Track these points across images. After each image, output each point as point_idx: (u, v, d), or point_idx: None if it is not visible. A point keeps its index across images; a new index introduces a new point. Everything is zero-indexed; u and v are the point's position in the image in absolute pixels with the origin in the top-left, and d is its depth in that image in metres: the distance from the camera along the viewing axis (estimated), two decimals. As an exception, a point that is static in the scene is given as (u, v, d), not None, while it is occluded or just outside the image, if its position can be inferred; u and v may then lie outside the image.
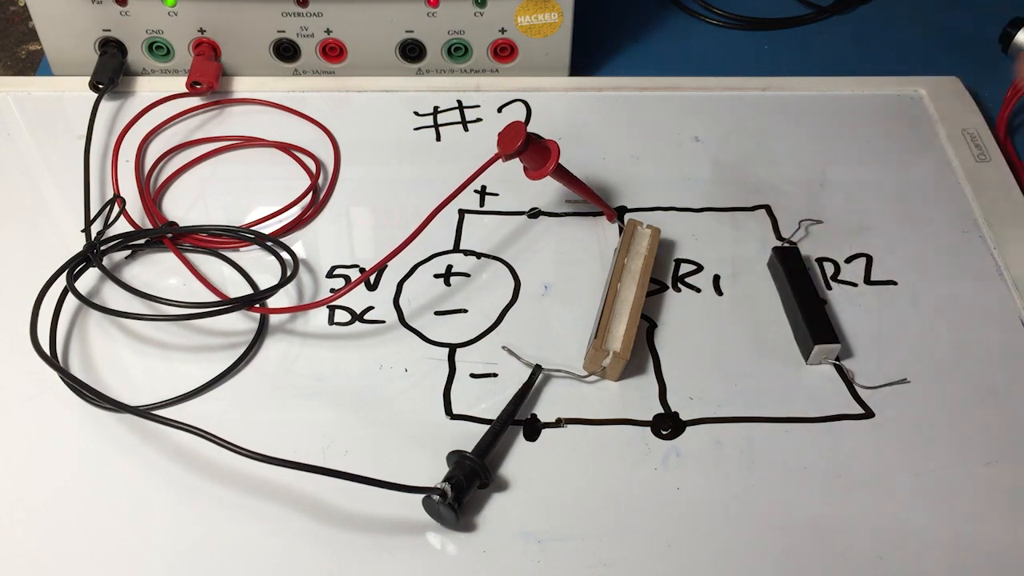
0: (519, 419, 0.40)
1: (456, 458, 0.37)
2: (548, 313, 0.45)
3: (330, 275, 0.46)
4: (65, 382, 0.41)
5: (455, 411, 0.41)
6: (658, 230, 0.46)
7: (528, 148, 0.44)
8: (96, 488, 0.38)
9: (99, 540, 0.37)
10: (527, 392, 0.41)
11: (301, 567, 0.36)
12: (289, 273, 0.44)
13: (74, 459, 0.39)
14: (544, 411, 0.41)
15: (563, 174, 0.46)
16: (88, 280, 0.45)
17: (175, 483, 0.38)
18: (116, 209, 0.48)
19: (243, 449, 0.36)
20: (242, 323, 0.44)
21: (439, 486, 0.36)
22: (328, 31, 0.54)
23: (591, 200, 0.48)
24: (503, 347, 0.43)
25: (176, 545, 0.36)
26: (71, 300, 0.44)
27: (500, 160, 0.44)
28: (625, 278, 0.43)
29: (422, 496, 0.36)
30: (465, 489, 0.36)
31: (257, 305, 0.43)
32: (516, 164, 0.45)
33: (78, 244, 0.45)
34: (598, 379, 0.42)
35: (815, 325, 0.42)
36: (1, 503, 0.38)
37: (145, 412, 0.38)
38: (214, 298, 0.44)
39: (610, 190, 0.50)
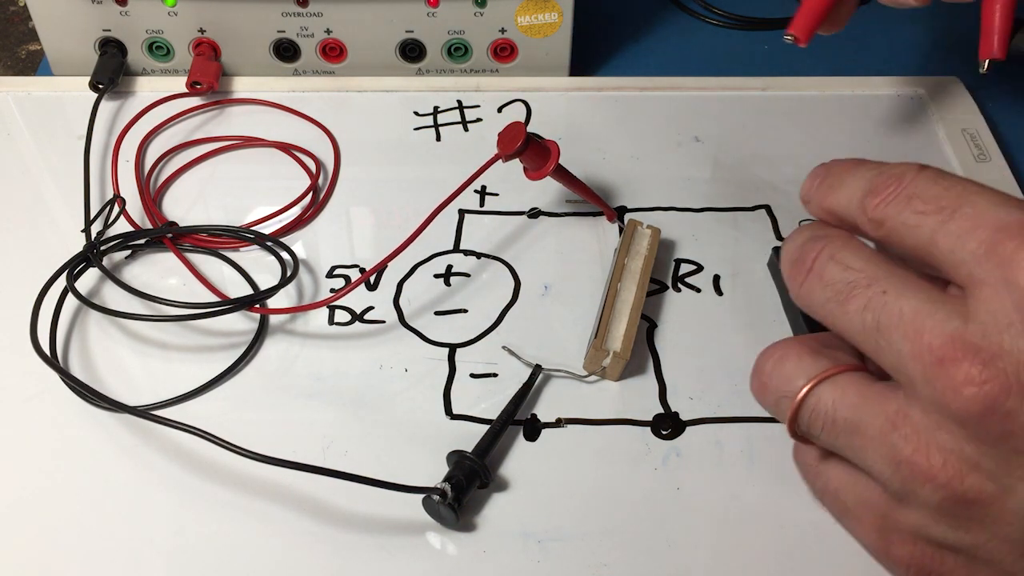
0: (519, 419, 0.40)
1: (456, 458, 0.37)
2: (548, 313, 0.45)
3: (330, 275, 0.46)
4: (65, 382, 0.41)
5: (455, 411, 0.41)
6: (658, 230, 0.46)
7: (528, 148, 0.44)
8: (96, 488, 0.38)
9: (99, 540, 0.37)
10: (527, 392, 0.41)
11: (301, 567, 0.36)
12: (289, 273, 0.44)
13: (74, 459, 0.39)
14: (544, 411, 0.41)
15: (563, 174, 0.46)
16: (88, 280, 0.45)
17: (175, 483, 0.38)
18: (116, 209, 0.48)
19: (243, 449, 0.36)
20: (242, 323, 0.44)
21: (439, 486, 0.36)
22: (328, 31, 0.54)
23: (591, 200, 0.48)
24: (503, 347, 0.43)
25: (176, 545, 0.36)
26: (71, 300, 0.44)
27: (500, 160, 0.44)
28: (625, 278, 0.43)
29: (422, 496, 0.36)
30: (465, 489, 0.36)
31: (257, 305, 0.43)
32: (516, 164, 0.45)
33: (78, 244, 0.45)
34: (598, 379, 0.42)
35: (815, 325, 0.42)
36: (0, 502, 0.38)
37: (145, 412, 0.38)
38: (214, 298, 0.44)
39: (610, 190, 0.50)
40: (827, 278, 0.28)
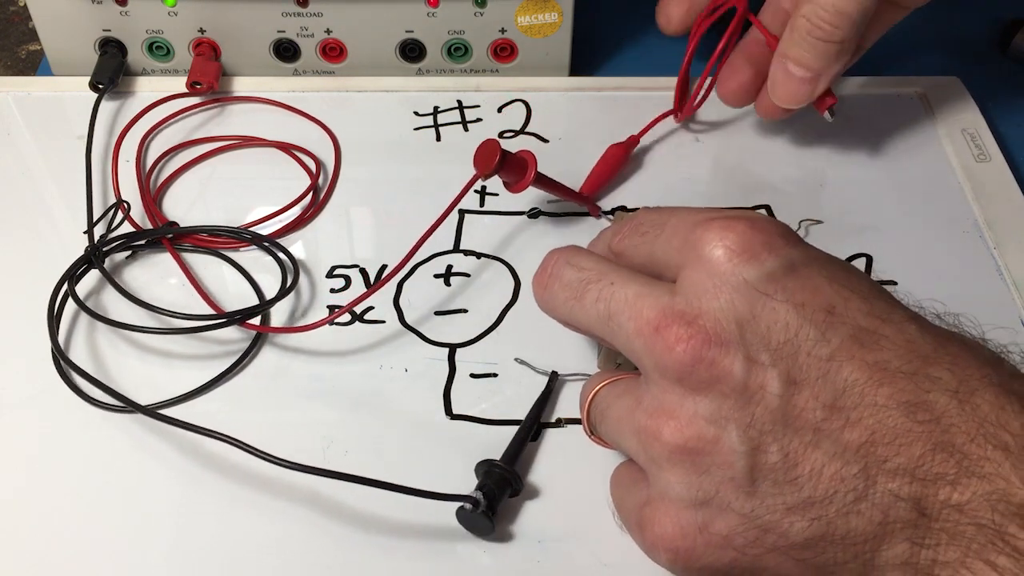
0: (518, 419, 0.40)
1: (485, 467, 0.37)
2: (548, 313, 0.45)
3: (330, 275, 0.46)
4: (68, 384, 0.41)
5: (455, 411, 0.41)
6: None
7: (505, 165, 0.43)
8: (96, 489, 0.38)
9: (100, 541, 0.37)
10: (547, 398, 0.41)
11: (303, 565, 0.36)
12: (290, 281, 0.44)
13: (72, 460, 0.39)
14: (544, 411, 0.41)
15: (544, 182, 0.46)
16: (88, 281, 0.45)
17: (176, 484, 0.38)
18: (120, 215, 0.48)
19: (260, 451, 0.36)
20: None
21: (472, 495, 0.36)
22: (328, 31, 0.54)
23: (575, 200, 0.47)
24: (516, 359, 0.42)
25: (176, 546, 0.37)
26: (70, 302, 0.44)
27: (480, 180, 0.44)
28: None
29: (456, 505, 0.36)
30: (497, 497, 0.36)
31: (256, 321, 0.43)
32: (516, 164, 0.45)
33: (78, 244, 0.45)
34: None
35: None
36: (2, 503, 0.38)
37: (155, 412, 0.38)
38: (215, 300, 0.44)
39: (610, 190, 0.50)
40: (565, 279, 0.34)
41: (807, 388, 0.28)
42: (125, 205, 0.48)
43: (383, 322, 0.44)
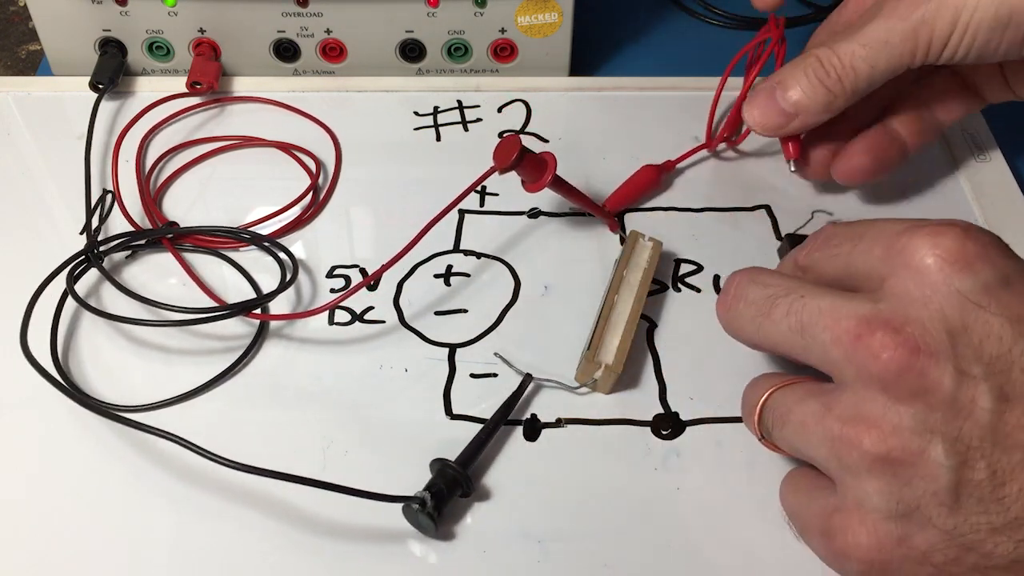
0: (518, 419, 0.40)
1: (439, 466, 0.37)
2: (548, 313, 0.45)
3: (330, 275, 0.46)
4: (55, 386, 0.41)
5: (455, 411, 0.41)
6: (659, 244, 0.45)
7: (523, 162, 0.43)
8: (99, 489, 0.38)
9: (104, 539, 0.37)
10: (516, 401, 0.40)
11: (299, 570, 0.36)
12: (289, 277, 0.44)
13: (65, 463, 0.39)
14: (544, 411, 0.41)
15: (561, 186, 0.45)
16: (86, 281, 0.45)
17: (164, 487, 0.38)
18: (109, 205, 0.48)
19: (218, 456, 0.35)
20: (242, 324, 0.44)
21: (419, 495, 0.36)
22: (328, 31, 0.54)
23: (591, 210, 0.47)
24: (495, 353, 0.43)
25: (181, 544, 0.37)
26: (69, 301, 0.44)
27: (497, 173, 0.43)
28: (623, 290, 0.43)
29: (401, 505, 0.36)
30: (446, 498, 0.36)
31: (257, 311, 0.43)
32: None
33: (77, 245, 0.45)
34: (589, 391, 0.41)
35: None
36: None
37: (122, 416, 0.38)
38: (213, 301, 0.44)
39: (610, 190, 0.50)
40: (750, 298, 0.33)
41: (1020, 406, 0.28)
42: (113, 194, 0.48)
43: (383, 322, 0.44)
